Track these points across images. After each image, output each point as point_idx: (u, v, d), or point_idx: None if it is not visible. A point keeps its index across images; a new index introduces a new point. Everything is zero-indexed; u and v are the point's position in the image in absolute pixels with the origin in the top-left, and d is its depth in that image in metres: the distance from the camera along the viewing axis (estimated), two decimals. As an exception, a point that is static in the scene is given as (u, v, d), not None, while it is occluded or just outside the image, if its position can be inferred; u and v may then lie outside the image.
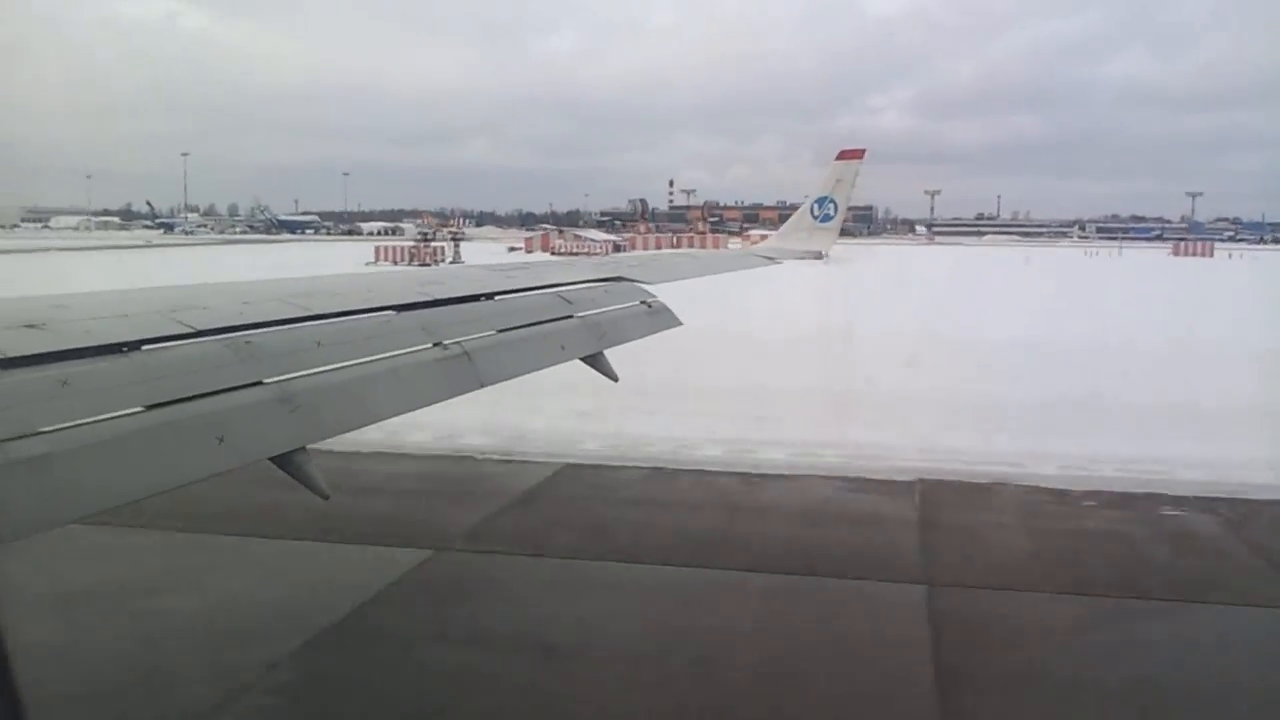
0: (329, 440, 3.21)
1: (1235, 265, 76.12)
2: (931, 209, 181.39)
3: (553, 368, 4.75)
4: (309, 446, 3.07)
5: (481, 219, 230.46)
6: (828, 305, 32.81)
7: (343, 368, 3.47)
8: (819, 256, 11.39)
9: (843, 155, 12.07)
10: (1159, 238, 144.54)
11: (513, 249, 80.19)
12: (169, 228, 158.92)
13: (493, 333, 4.43)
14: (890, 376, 17.23)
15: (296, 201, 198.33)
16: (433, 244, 70.97)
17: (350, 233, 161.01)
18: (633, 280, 6.32)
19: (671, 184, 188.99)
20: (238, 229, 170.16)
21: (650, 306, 6.05)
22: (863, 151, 12.14)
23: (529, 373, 4.48)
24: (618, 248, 78.08)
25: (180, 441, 2.64)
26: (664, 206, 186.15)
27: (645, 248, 78.29)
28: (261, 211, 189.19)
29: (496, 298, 4.87)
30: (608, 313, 5.54)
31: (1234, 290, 48.02)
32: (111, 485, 2.39)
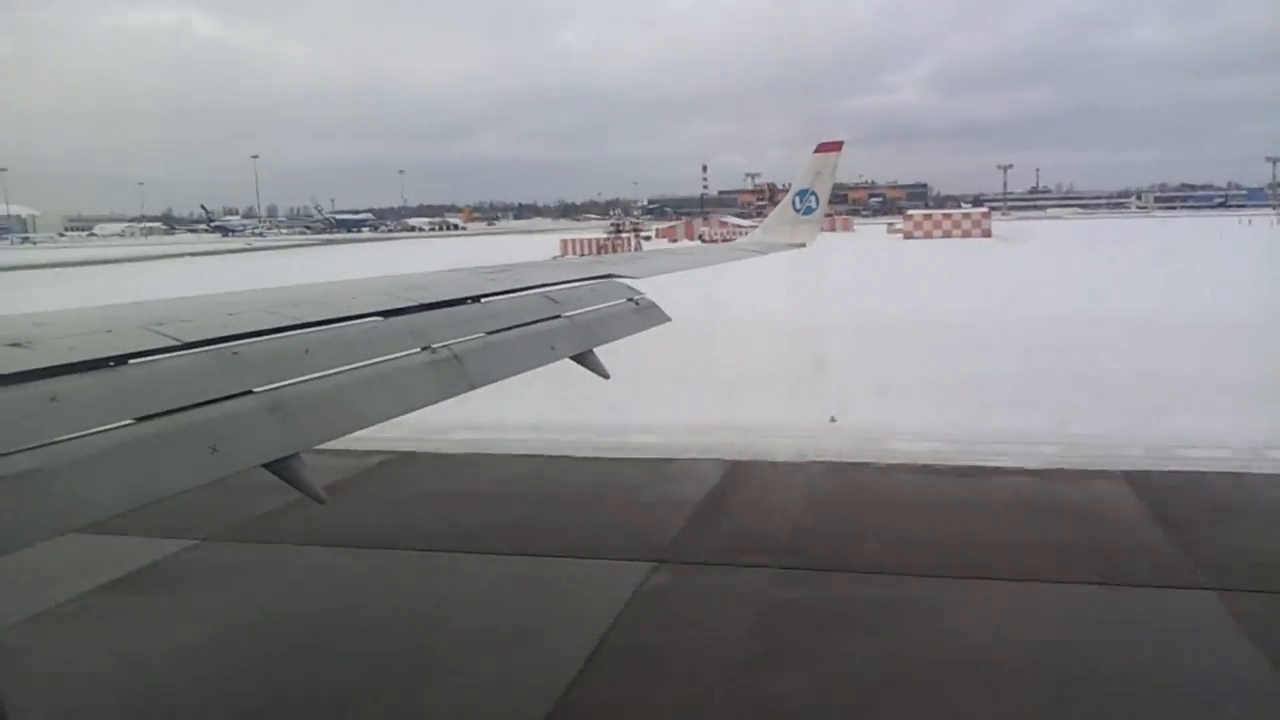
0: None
1: None
2: (1005, 184, 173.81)
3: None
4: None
5: (522, 211, 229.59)
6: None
7: (332, 374, 3.47)
8: (802, 247, 11.42)
9: (821, 148, 12.07)
10: (1223, 205, 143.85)
11: (645, 237, 79.45)
12: (224, 231, 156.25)
13: (481, 335, 4.44)
14: None
15: (333, 200, 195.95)
16: (623, 235, 71.78)
17: (412, 229, 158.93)
18: (619, 277, 6.32)
19: (705, 169, 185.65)
20: (296, 230, 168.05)
21: (638, 304, 6.06)
22: (841, 144, 12.14)
23: (519, 373, 4.49)
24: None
25: (172, 451, 2.64)
26: (696, 193, 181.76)
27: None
28: (318, 211, 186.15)
29: (484, 300, 4.88)
30: (595, 311, 5.56)
31: None
32: (104, 496, 2.39)
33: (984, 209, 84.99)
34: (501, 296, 5.05)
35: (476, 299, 4.85)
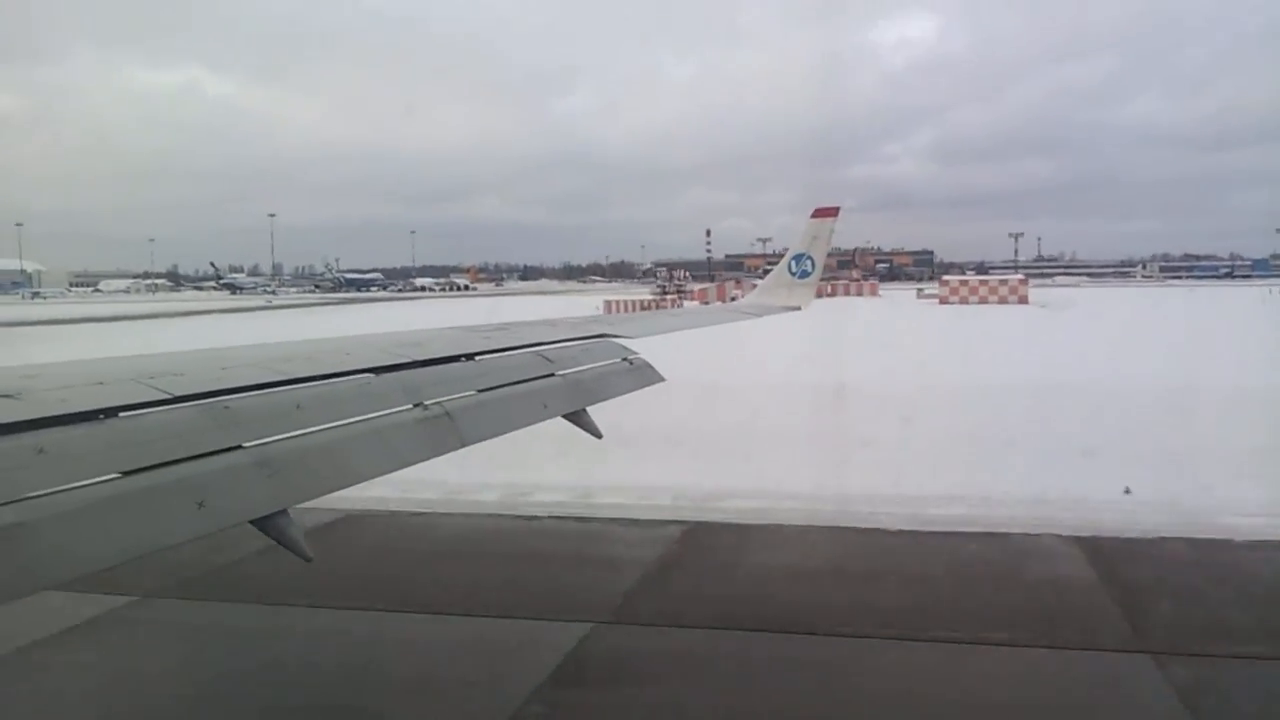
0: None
1: None
2: (1016, 251, 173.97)
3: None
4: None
5: (527, 273, 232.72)
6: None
7: (323, 430, 3.47)
8: (798, 310, 11.53)
9: (818, 213, 12.26)
10: (1229, 275, 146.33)
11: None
12: (233, 289, 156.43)
13: (473, 392, 4.45)
14: None
15: (337, 260, 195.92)
16: (668, 296, 72.15)
17: (421, 289, 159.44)
18: (614, 337, 6.36)
19: (709, 234, 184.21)
20: (305, 288, 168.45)
21: (632, 363, 6.09)
22: (837, 210, 12.38)
23: (511, 431, 4.49)
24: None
25: (158, 506, 2.63)
26: (701, 256, 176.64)
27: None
28: (327, 270, 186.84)
29: (477, 358, 4.90)
30: (589, 370, 5.58)
31: None
32: (89, 551, 2.38)
33: (1020, 275, 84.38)
34: (494, 354, 5.08)
35: (470, 356, 4.88)
